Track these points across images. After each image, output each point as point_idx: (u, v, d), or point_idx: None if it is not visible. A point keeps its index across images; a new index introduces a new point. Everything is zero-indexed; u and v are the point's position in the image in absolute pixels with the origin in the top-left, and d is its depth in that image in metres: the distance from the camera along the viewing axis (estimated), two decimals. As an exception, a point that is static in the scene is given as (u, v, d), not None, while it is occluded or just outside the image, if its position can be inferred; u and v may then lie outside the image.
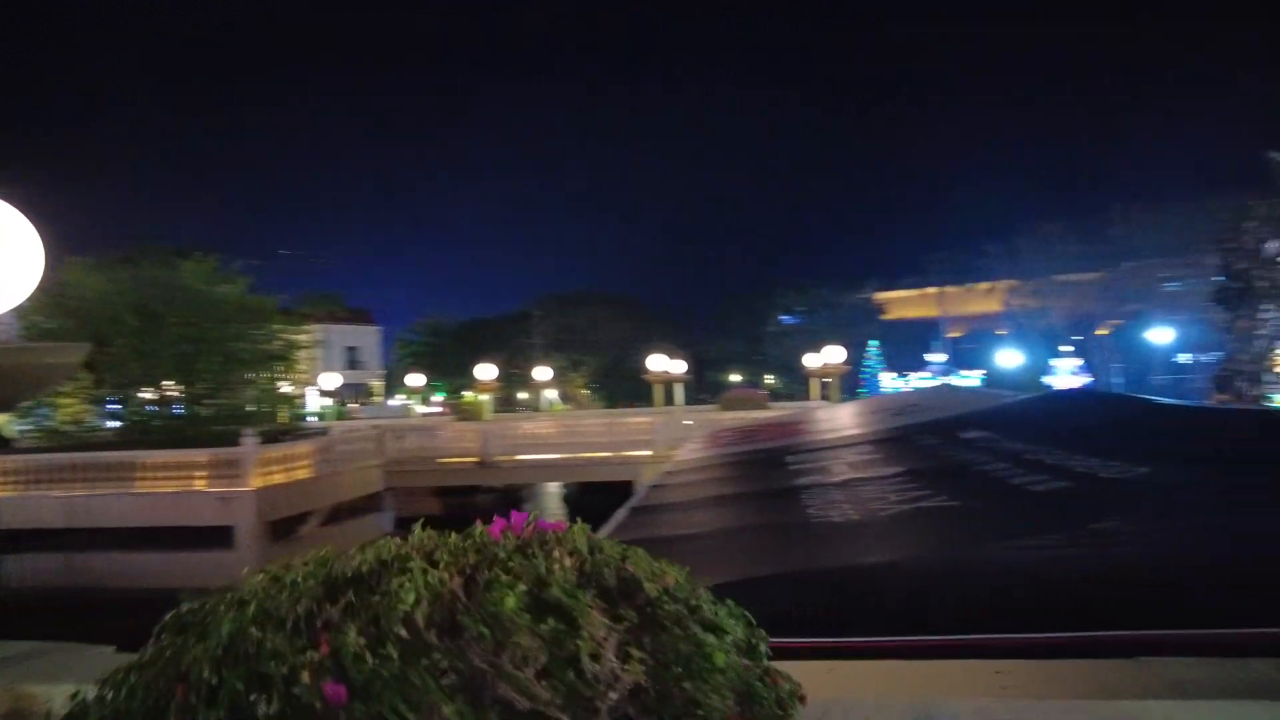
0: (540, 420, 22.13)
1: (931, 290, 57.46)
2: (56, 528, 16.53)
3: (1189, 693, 2.28)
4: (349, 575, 1.73)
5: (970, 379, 52.75)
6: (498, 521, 2.12)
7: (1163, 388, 40.12)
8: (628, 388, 59.23)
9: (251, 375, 19.57)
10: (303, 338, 20.81)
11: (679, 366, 22.89)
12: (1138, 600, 3.16)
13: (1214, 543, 3.91)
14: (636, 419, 21.07)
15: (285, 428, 20.11)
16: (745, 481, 8.81)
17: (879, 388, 47.70)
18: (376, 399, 63.79)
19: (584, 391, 63.84)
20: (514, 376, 62.81)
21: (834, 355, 23.41)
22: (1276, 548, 3.66)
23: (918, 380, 51.33)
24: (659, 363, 22.79)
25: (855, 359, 54.41)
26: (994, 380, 43.81)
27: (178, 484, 16.47)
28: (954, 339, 57.09)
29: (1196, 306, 48.19)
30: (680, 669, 1.44)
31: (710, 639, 1.51)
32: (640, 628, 1.51)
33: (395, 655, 1.34)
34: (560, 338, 63.22)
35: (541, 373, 27.06)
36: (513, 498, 27.73)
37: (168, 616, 1.94)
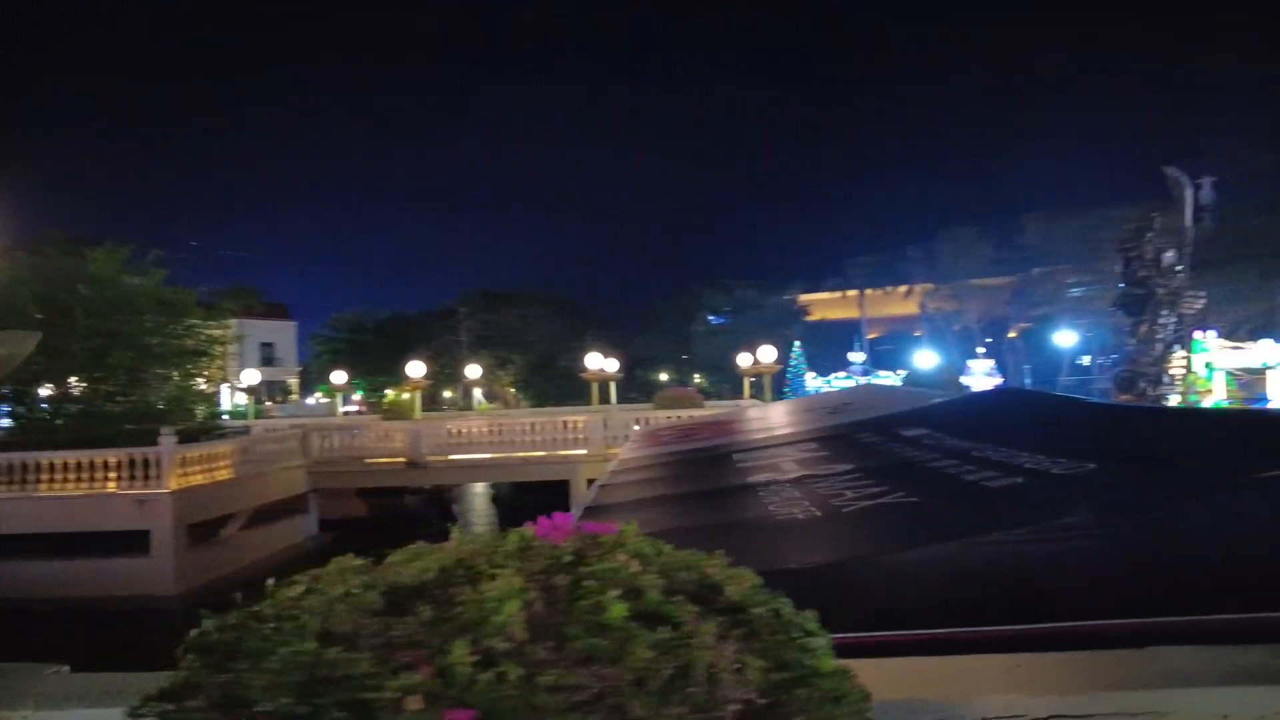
0: (471, 419, 21.76)
1: (852, 293, 59.11)
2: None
3: (1209, 681, 2.36)
4: (412, 585, 1.62)
5: (889, 379, 54.36)
6: (541, 523, 2.02)
7: (1069, 389, 42.18)
8: (557, 387, 58.92)
9: (166, 372, 18.58)
10: (222, 333, 19.90)
11: (612, 365, 22.85)
12: (1125, 591, 3.28)
13: (1177, 534, 4.10)
14: (571, 417, 20.93)
15: (204, 427, 19.21)
16: (697, 480, 8.82)
17: (803, 388, 48.69)
18: (294, 397, 61.70)
19: (511, 390, 63.14)
20: (440, 374, 61.71)
21: (766, 355, 23.76)
22: (1234, 536, 3.87)
23: (839, 381, 52.62)
24: (596, 361, 22.70)
25: (782, 359, 55.53)
26: (914, 381, 45.27)
27: (88, 486, 15.54)
28: (873, 340, 58.77)
29: (1099, 311, 51.01)
30: (789, 675, 1.39)
31: (818, 642, 1.47)
32: (737, 635, 1.46)
33: (514, 674, 1.25)
34: (487, 335, 62.36)
35: (472, 371, 26.55)
36: (441, 499, 27.24)
37: (192, 635, 1.78)
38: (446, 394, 61.56)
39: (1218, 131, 42.51)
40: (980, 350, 48.75)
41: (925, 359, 54.52)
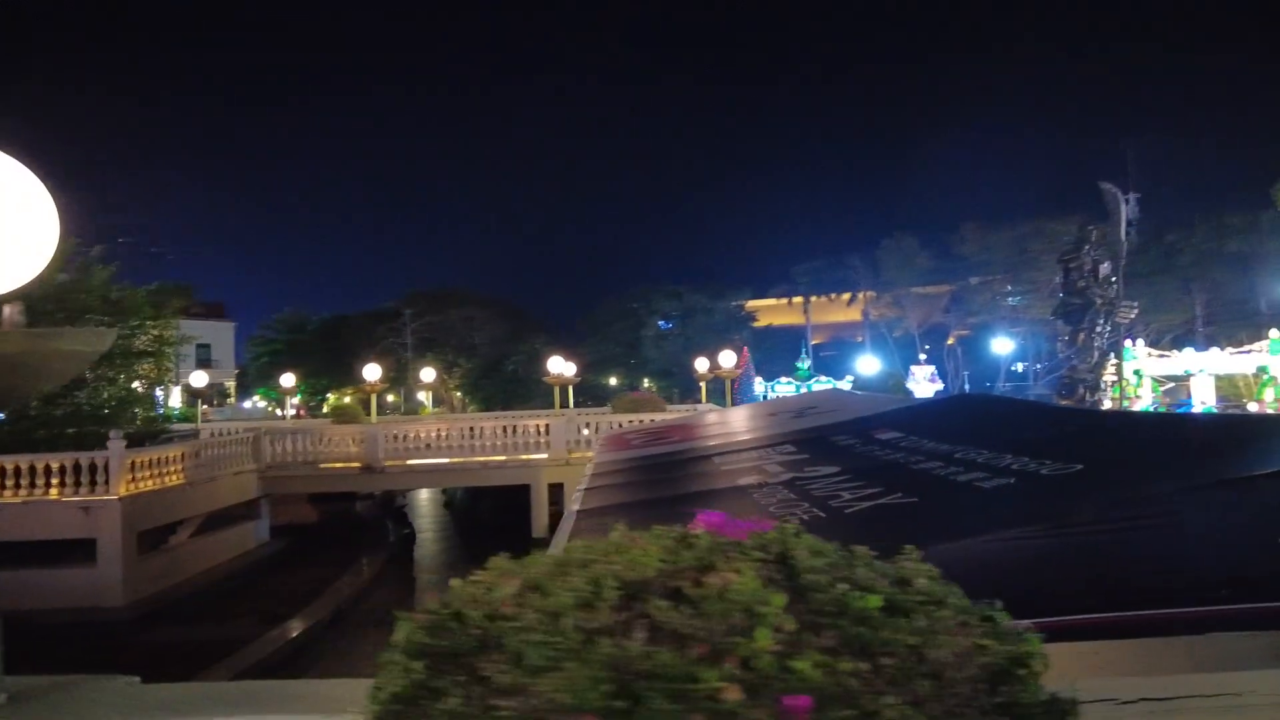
0: (429, 423, 21.43)
1: (798, 299, 60.09)
2: None
3: (1270, 664, 2.52)
4: (645, 579, 1.62)
5: (831, 386, 55.29)
6: (702, 518, 2.05)
7: (1009, 393, 43.58)
8: (504, 391, 58.35)
9: (114, 374, 17.78)
10: (170, 333, 19.16)
11: (570, 369, 22.81)
12: (1166, 583, 3.45)
13: (1187, 529, 4.33)
14: (532, 421, 20.77)
15: (150, 430, 18.45)
16: (684, 482, 8.88)
17: (752, 393, 49.23)
18: (230, 401, 59.84)
19: (457, 394, 62.33)
20: (384, 378, 60.51)
21: (727, 360, 24.02)
22: (1234, 530, 4.12)
23: (781, 387, 53.35)
24: (557, 365, 22.64)
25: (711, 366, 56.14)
26: (861, 387, 46.20)
27: (27, 493, 14.80)
28: (816, 346, 59.81)
29: (1034, 320, 52.98)
30: (1015, 651, 1.45)
31: (1012, 624, 1.54)
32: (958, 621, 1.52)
33: (815, 660, 1.27)
34: (431, 338, 61.39)
35: (426, 374, 26.07)
36: (391, 505, 26.77)
37: (400, 637, 1.75)
38: (390, 398, 60.42)
39: (1143, 150, 44.61)
40: (922, 357, 50.09)
41: (868, 365, 55.79)
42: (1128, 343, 33.60)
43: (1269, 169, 43.68)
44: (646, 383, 61.10)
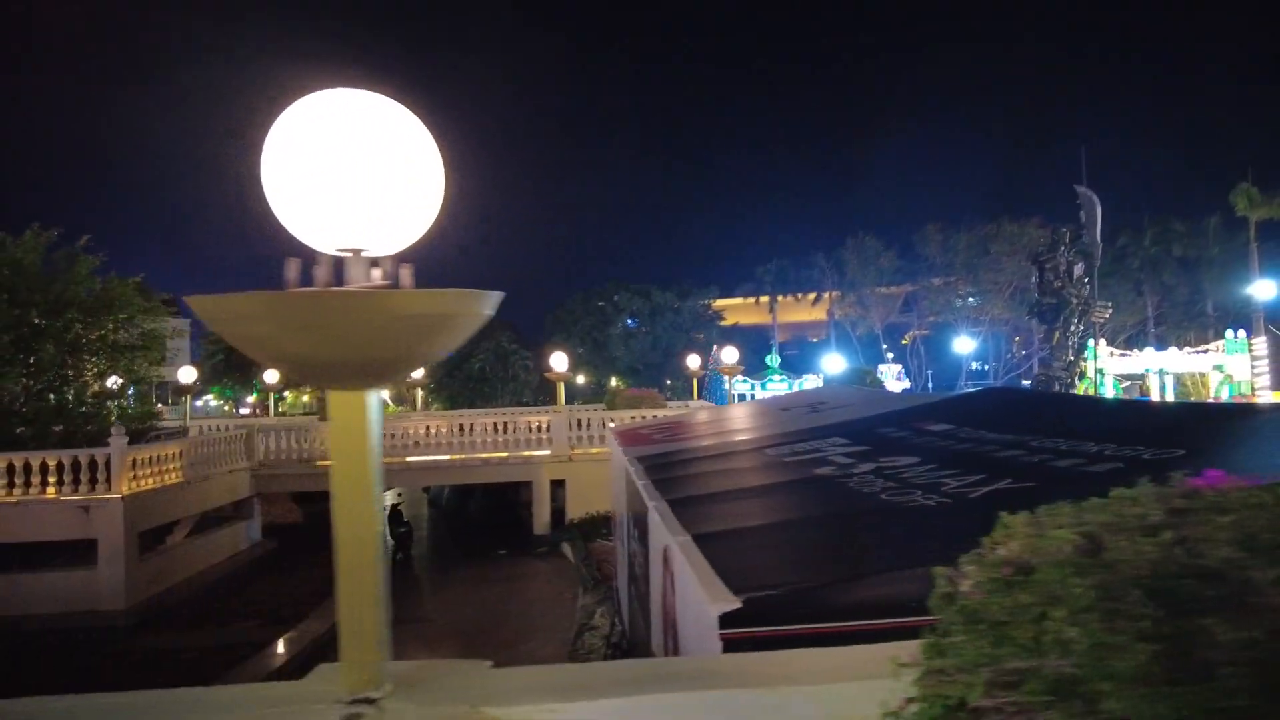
0: (428, 419, 21.01)
1: (764, 299, 60.59)
2: None
3: None
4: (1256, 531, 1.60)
5: (803, 383, 55.84)
6: (1207, 476, 2.02)
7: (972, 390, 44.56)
8: (469, 390, 57.58)
9: (102, 367, 16.98)
10: (156, 326, 18.38)
11: (562, 363, 22.61)
12: None
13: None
14: (533, 418, 20.53)
15: (139, 428, 17.68)
16: (756, 473, 8.87)
17: (721, 391, 49.47)
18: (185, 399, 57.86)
19: (419, 392, 61.29)
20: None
21: (729, 356, 24.07)
22: None
23: (775, 385, 53.70)
24: (561, 362, 22.41)
25: (704, 363, 56.34)
26: (830, 385, 46.75)
27: (21, 491, 14.08)
28: (779, 345, 60.38)
29: (994, 320, 54.40)
30: None
31: None
32: None
33: None
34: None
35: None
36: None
37: (964, 603, 1.68)
38: (324, 399, 59.03)
39: (1095, 154, 46.14)
40: (889, 355, 50.98)
41: (832, 364, 56.53)
42: (1090, 342, 34.74)
43: (1215, 174, 45.71)
44: (614, 381, 60.95)
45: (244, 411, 57.95)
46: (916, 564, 4.83)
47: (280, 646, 12.52)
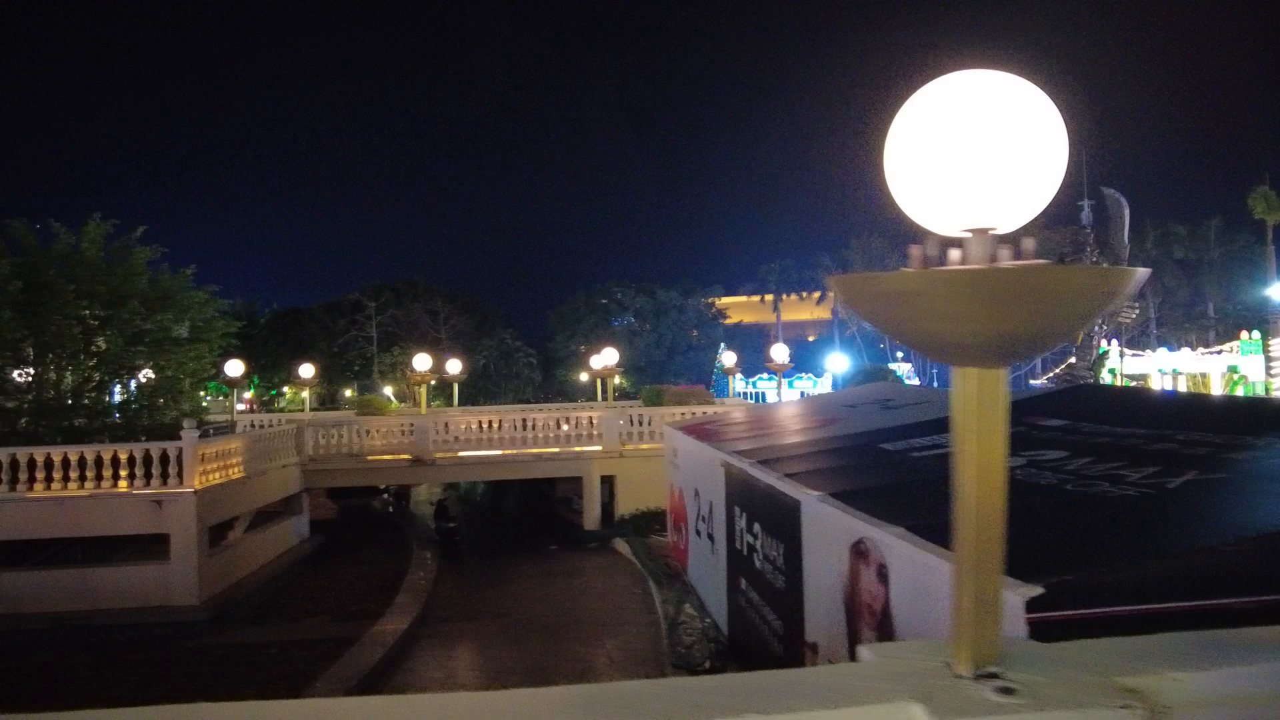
0: (477, 414, 20.88)
1: (768, 297, 60.80)
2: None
3: None
4: None
5: (811, 383, 56.04)
6: None
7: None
8: (474, 386, 57.27)
9: (163, 360, 16.69)
10: (215, 318, 18.13)
11: (611, 357, 22.50)
12: None
13: None
14: (583, 413, 20.46)
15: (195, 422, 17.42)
16: (898, 468, 8.89)
17: (726, 390, 49.59)
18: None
19: (422, 389, 60.88)
20: (349, 371, 58.83)
21: (780, 354, 24.15)
22: None
23: (762, 383, 53.87)
24: (609, 355, 22.31)
25: (708, 362, 56.44)
26: (840, 383, 46.96)
27: (94, 485, 13.86)
28: (793, 343, 60.58)
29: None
30: None
31: None
32: None
33: None
34: (394, 331, 59.91)
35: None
36: (406, 501, 26.06)
37: None
38: (347, 393, 58.68)
39: (1096, 158, 46.68)
40: (899, 354, 51.30)
41: (838, 362, 56.78)
42: (1102, 342, 35.16)
43: (1218, 178, 46.33)
44: (618, 380, 60.94)
45: (240, 408, 57.32)
46: (1195, 548, 4.91)
47: (367, 642, 12.40)
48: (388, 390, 53.89)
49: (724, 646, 11.41)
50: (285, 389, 59.41)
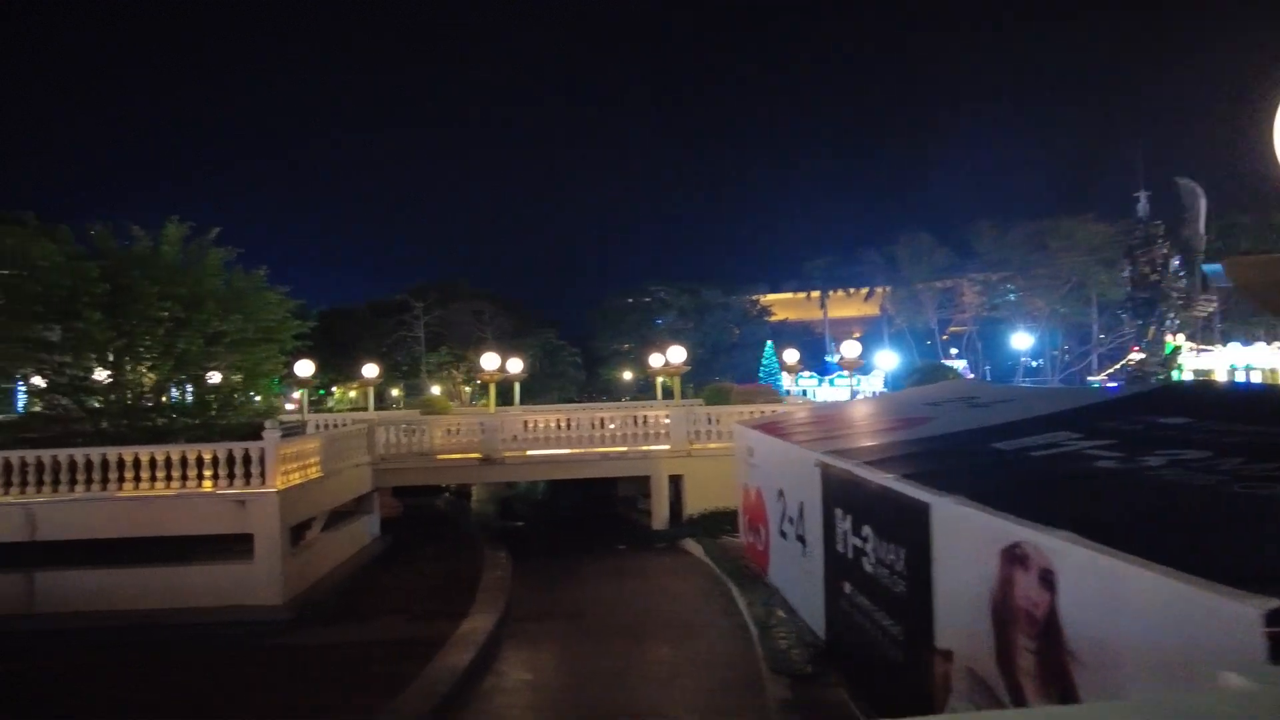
0: (548, 413, 20.82)
1: (815, 294, 60.13)
2: (13, 541, 13.60)
3: None
4: None
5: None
6: None
7: (1031, 384, 43.89)
8: (519, 384, 57.46)
9: (240, 360, 16.84)
10: (289, 321, 18.25)
11: (680, 356, 22.24)
12: None
13: None
14: (651, 412, 20.28)
15: (257, 423, 17.59)
16: (1021, 468, 8.52)
17: (779, 388, 49.10)
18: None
19: (466, 389, 61.31)
20: (395, 369, 59.33)
21: (850, 350, 23.83)
22: None
23: (804, 382, 53.22)
24: (676, 354, 22.08)
25: (754, 360, 55.99)
26: (890, 380, 46.28)
27: (179, 485, 13.97)
28: (837, 341, 59.90)
29: (1051, 315, 53.67)
30: None
31: None
32: None
33: None
34: (439, 331, 60.38)
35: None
36: (467, 499, 26.09)
37: None
38: (394, 392, 59.25)
39: (1152, 149, 45.32)
40: (954, 351, 50.40)
41: (887, 359, 55.97)
42: (1169, 337, 34.09)
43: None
44: (662, 378, 60.67)
45: (290, 408, 58.10)
46: None
47: (456, 642, 12.29)
48: (435, 389, 54.29)
49: (821, 651, 11.12)
50: (334, 389, 60.22)
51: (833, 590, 10.82)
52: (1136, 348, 36.28)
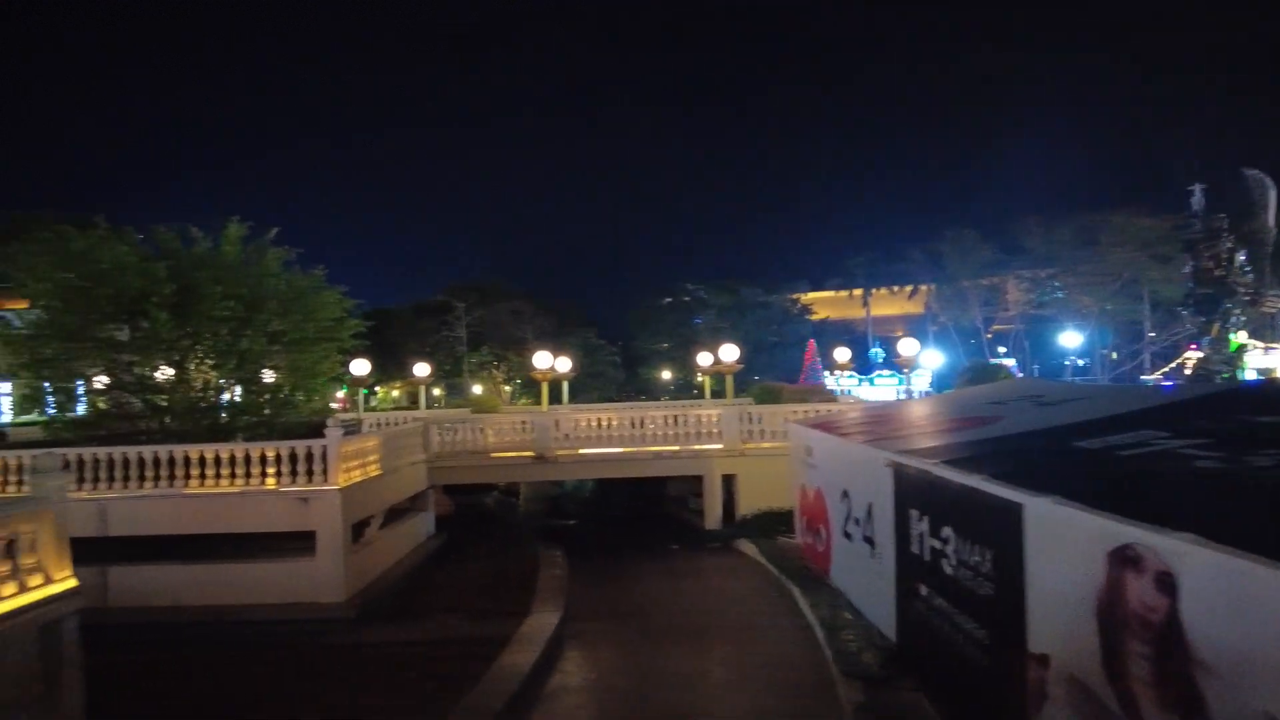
0: (595, 412, 20.82)
1: (857, 292, 59.42)
2: (86, 536, 13.84)
3: None
4: None
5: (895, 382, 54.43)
6: None
7: (1109, 380, 42.85)
8: (558, 385, 57.64)
9: (301, 359, 17.06)
10: (347, 321, 18.46)
11: (732, 353, 22.02)
12: None
13: None
14: (703, 410, 20.14)
15: (320, 420, 17.80)
16: (1121, 468, 8.22)
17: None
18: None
19: (506, 388, 61.64)
20: (437, 369, 59.87)
21: (908, 348, 23.53)
22: None
23: (845, 381, 52.51)
24: (728, 352, 21.91)
25: (795, 359, 55.44)
26: (937, 378, 45.56)
27: (243, 482, 14.14)
28: (870, 341, 59.21)
29: (1101, 312, 52.35)
30: None
31: None
32: None
33: None
34: (479, 331, 60.79)
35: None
36: (515, 498, 26.17)
37: None
38: (436, 391, 59.74)
39: (1211, 143, 43.95)
40: (1001, 349, 49.49)
41: (930, 359, 55.08)
42: (1234, 335, 33.05)
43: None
44: (700, 377, 60.36)
45: (334, 406, 58.90)
46: None
47: (519, 642, 12.27)
48: (476, 389, 54.65)
49: (892, 653, 10.88)
50: (376, 388, 60.94)
51: (906, 592, 10.58)
52: (1194, 345, 35.29)
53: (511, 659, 11.68)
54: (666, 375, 59.07)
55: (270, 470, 14.16)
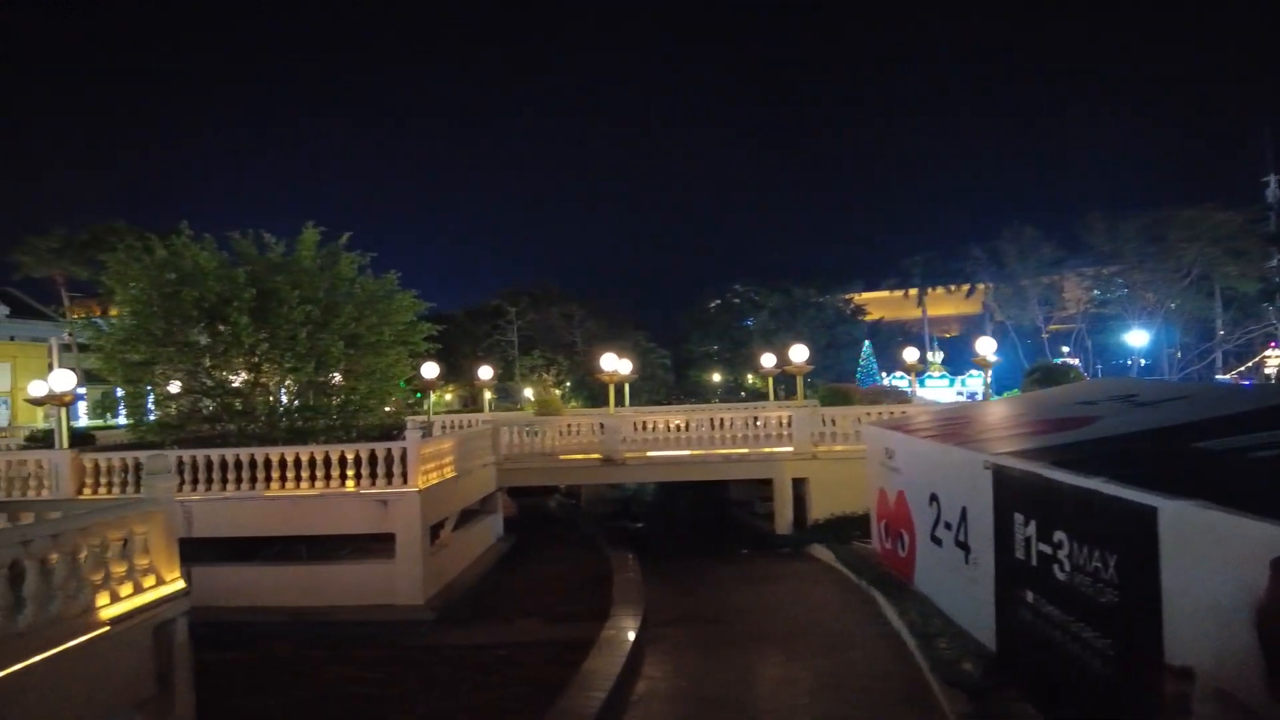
0: (669, 414, 20.65)
1: (912, 291, 58.33)
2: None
3: None
4: None
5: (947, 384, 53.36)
6: None
7: (1180, 379, 41.35)
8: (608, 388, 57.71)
9: (377, 362, 17.22)
10: (421, 325, 18.58)
11: (801, 354, 21.66)
12: None
13: None
14: (774, 413, 19.85)
15: (396, 423, 17.96)
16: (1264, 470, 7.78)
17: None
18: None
19: (557, 391, 61.84)
20: (496, 373, 60.35)
21: (986, 347, 22.97)
22: None
23: (895, 381, 51.62)
24: (798, 352, 21.58)
25: (850, 360, 54.71)
26: (998, 378, 44.40)
27: (323, 484, 14.25)
28: (940, 340, 58.02)
29: (1169, 311, 50.63)
30: None
31: None
32: None
33: None
34: (530, 335, 61.14)
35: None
36: (577, 500, 26.10)
37: None
38: (488, 395, 60.18)
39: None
40: (1065, 349, 48.16)
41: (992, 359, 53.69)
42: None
43: None
44: (750, 379, 59.85)
45: (388, 409, 59.57)
46: None
47: (603, 646, 12.11)
48: (528, 392, 54.91)
49: (992, 662, 10.48)
50: (431, 392, 61.70)
51: (1008, 599, 10.17)
52: (1274, 344, 33.86)
53: (596, 663, 11.51)
54: (716, 378, 58.66)
55: (350, 472, 14.24)
